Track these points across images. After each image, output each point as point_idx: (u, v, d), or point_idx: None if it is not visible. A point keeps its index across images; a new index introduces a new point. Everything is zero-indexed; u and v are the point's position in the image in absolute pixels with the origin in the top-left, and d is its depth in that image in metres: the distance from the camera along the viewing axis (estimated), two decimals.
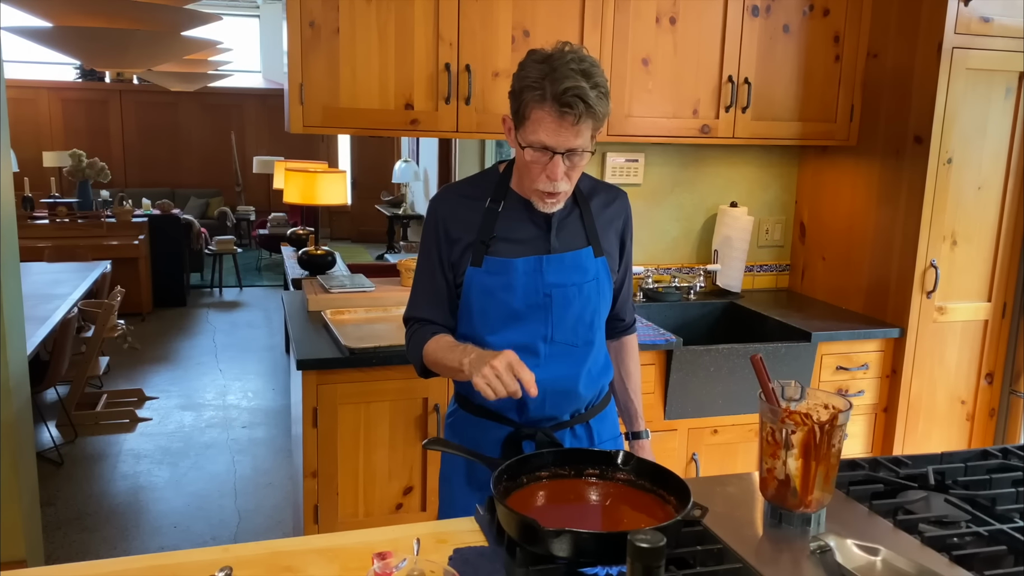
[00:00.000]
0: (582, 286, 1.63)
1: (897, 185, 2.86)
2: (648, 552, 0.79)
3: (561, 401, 1.65)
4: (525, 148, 1.51)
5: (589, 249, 1.65)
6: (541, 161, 1.50)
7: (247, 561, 1.19)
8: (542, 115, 1.46)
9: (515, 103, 1.52)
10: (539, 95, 1.45)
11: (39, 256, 5.99)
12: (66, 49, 5.03)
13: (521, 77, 1.50)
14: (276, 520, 3.60)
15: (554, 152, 1.48)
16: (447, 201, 1.67)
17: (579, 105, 1.43)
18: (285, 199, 4.58)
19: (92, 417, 4.70)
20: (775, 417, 1.28)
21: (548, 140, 1.47)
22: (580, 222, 1.67)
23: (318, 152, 10.96)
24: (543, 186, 1.53)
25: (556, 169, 1.50)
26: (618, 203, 1.73)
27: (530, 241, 1.62)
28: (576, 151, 1.49)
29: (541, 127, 1.47)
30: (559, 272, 1.61)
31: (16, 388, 2.79)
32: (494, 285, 1.60)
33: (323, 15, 2.43)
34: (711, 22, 2.80)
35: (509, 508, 1.17)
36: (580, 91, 1.43)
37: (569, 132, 1.47)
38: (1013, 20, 2.69)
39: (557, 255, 1.62)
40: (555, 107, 1.44)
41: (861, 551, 1.16)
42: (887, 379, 2.93)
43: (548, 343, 1.61)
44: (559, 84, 1.43)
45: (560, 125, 1.46)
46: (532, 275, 1.60)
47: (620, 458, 1.36)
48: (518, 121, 1.52)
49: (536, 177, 1.53)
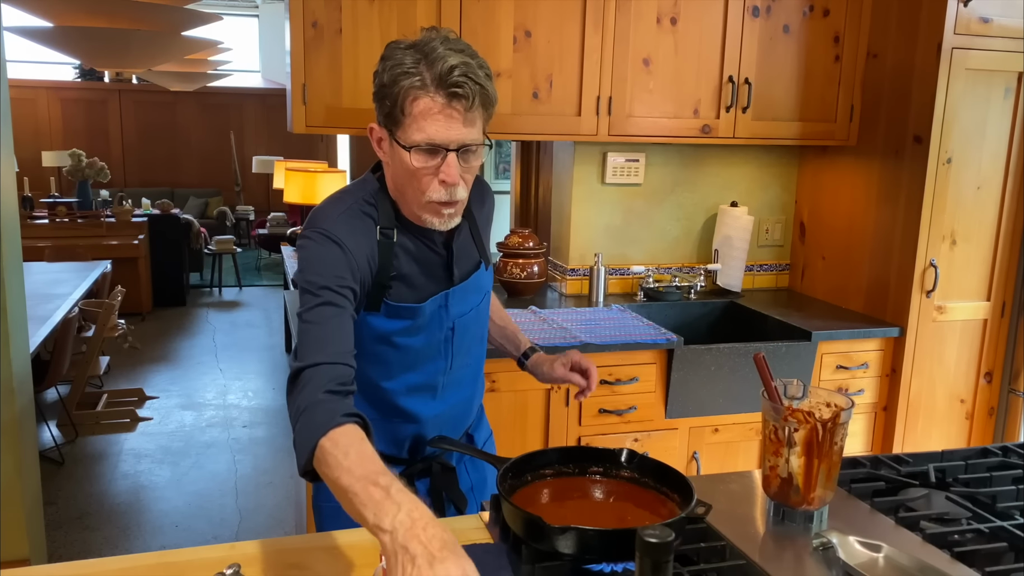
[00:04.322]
0: (479, 306, 1.50)
1: (897, 185, 2.87)
2: (657, 547, 0.80)
3: (457, 426, 1.56)
4: (411, 151, 1.25)
5: (481, 265, 1.49)
6: (431, 165, 1.26)
7: (255, 558, 1.20)
8: (426, 106, 1.23)
9: (387, 101, 1.26)
10: (418, 82, 1.22)
11: (39, 256, 5.99)
12: (67, 49, 5.03)
13: (389, 68, 1.25)
14: (277, 519, 3.60)
15: (446, 150, 1.25)
16: (343, 223, 1.33)
17: (469, 86, 1.21)
18: (285, 199, 4.60)
19: (93, 417, 4.70)
20: (778, 415, 1.29)
21: (438, 135, 1.24)
22: (470, 236, 1.48)
23: (317, 152, 10.97)
24: (438, 195, 1.29)
25: (451, 170, 1.26)
26: (489, 200, 1.57)
27: (431, 277, 1.41)
28: (470, 147, 1.27)
29: (427, 121, 1.23)
30: (462, 301, 1.46)
31: (19, 387, 2.79)
32: (392, 330, 1.40)
33: (326, 15, 2.44)
34: (712, 22, 2.81)
35: (515, 505, 1.18)
36: (467, 68, 1.22)
37: (460, 122, 1.24)
38: (1012, 20, 2.70)
39: (460, 286, 1.44)
40: (440, 93, 1.22)
41: (863, 548, 1.17)
42: (887, 378, 2.94)
43: (446, 374, 1.46)
44: (440, 64, 1.21)
45: (450, 115, 1.23)
46: (437, 312, 1.42)
47: (624, 456, 1.37)
48: (394, 122, 1.27)
49: (426, 187, 1.28)
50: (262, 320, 7.41)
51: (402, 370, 1.43)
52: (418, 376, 1.45)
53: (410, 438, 1.52)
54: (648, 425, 2.69)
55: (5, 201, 2.70)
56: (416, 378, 1.45)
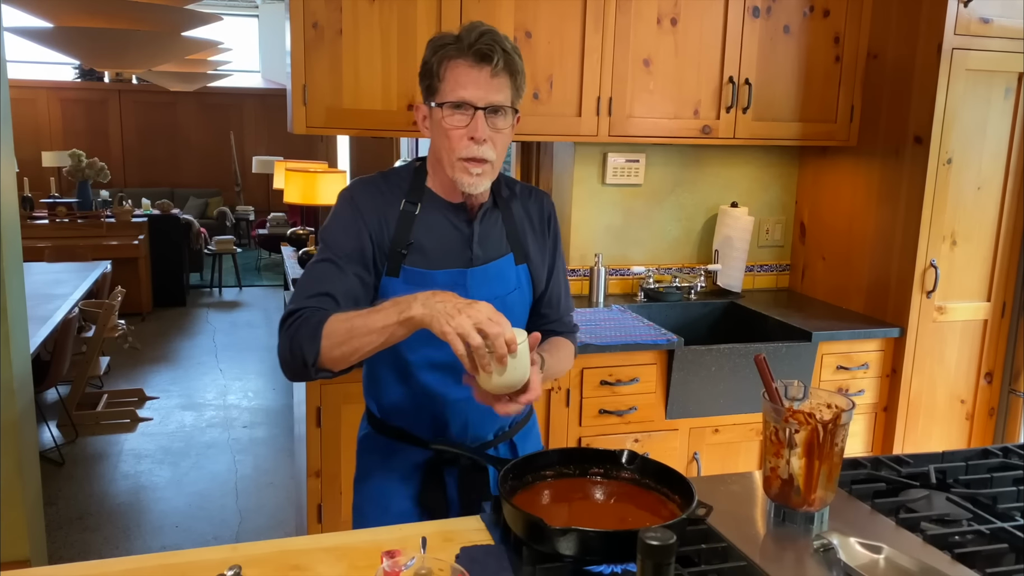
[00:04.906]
0: (505, 298, 1.54)
1: (897, 185, 2.87)
2: (659, 549, 0.81)
3: (485, 421, 1.56)
4: (444, 107, 1.42)
5: (510, 256, 1.56)
6: (462, 123, 1.41)
7: (256, 560, 1.20)
8: (458, 69, 1.40)
9: (428, 75, 1.45)
10: (451, 50, 1.41)
11: (39, 256, 6.00)
12: (67, 49, 5.04)
13: (431, 47, 1.46)
14: (278, 520, 3.60)
15: (475, 107, 1.40)
16: (365, 192, 1.52)
17: (496, 51, 1.39)
18: (286, 199, 4.59)
19: (93, 417, 4.70)
20: (779, 416, 1.29)
21: (467, 93, 1.40)
22: (501, 227, 1.56)
23: (317, 152, 10.96)
24: (467, 151, 1.42)
25: (479, 126, 1.40)
26: (540, 204, 1.63)
27: (451, 250, 1.51)
28: (499, 109, 1.42)
29: (459, 83, 1.40)
30: (482, 285, 1.51)
31: (20, 388, 2.79)
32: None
33: (326, 16, 2.44)
34: (712, 23, 2.81)
35: (516, 507, 1.18)
36: (494, 36, 1.40)
37: (489, 84, 1.40)
38: (1012, 21, 2.71)
39: (481, 267, 1.51)
40: (471, 58, 1.40)
41: (864, 549, 1.18)
42: (887, 378, 2.94)
43: None
44: (472, 34, 1.40)
45: (479, 76, 1.40)
46: (454, 288, 1.45)
47: (624, 457, 1.37)
48: (433, 91, 1.44)
49: (457, 143, 1.42)
50: (262, 320, 7.42)
51: (422, 343, 1.41)
52: (439, 352, 1.42)
53: (436, 421, 1.55)
54: (648, 426, 2.69)
55: (5, 201, 2.70)
56: (437, 354, 1.45)
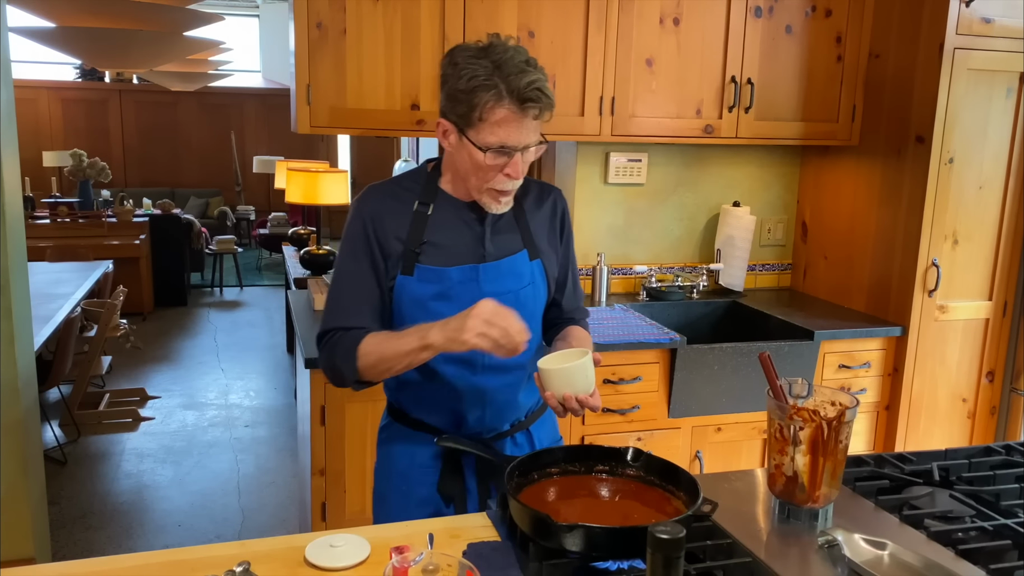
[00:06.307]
0: (519, 292, 1.56)
1: (899, 185, 2.88)
2: (669, 543, 0.81)
3: (501, 412, 1.60)
4: (485, 152, 1.42)
5: (524, 252, 1.58)
6: (500, 162, 1.43)
7: (264, 556, 1.21)
8: (502, 115, 1.39)
9: (463, 105, 1.41)
10: (496, 93, 1.37)
11: (41, 256, 6.00)
12: (69, 49, 5.04)
13: (467, 77, 1.39)
14: (280, 519, 3.61)
15: (515, 150, 1.42)
16: (373, 200, 1.56)
17: (541, 99, 1.39)
18: (287, 199, 4.60)
19: (95, 416, 4.71)
20: (783, 414, 1.30)
21: (510, 139, 1.40)
22: (514, 224, 1.58)
23: (318, 152, 10.97)
24: (501, 185, 1.46)
25: (518, 167, 1.44)
26: (552, 200, 1.66)
27: (464, 247, 1.54)
28: (531, 146, 1.45)
29: (502, 127, 1.40)
30: (495, 280, 1.54)
31: (24, 387, 2.80)
32: (426, 295, 1.51)
33: (330, 16, 2.44)
34: (714, 23, 2.82)
35: (522, 503, 1.19)
36: (540, 83, 1.38)
37: (530, 128, 1.42)
38: (1014, 21, 2.71)
39: (493, 263, 1.54)
40: (515, 104, 1.38)
41: (868, 545, 1.18)
42: (889, 377, 2.95)
43: (486, 354, 1.45)
44: (518, 79, 1.37)
45: (522, 121, 1.40)
46: (467, 284, 1.51)
47: (630, 454, 1.37)
48: (468, 123, 1.42)
49: (491, 178, 1.46)
50: (263, 320, 7.42)
51: None
52: None
53: (454, 413, 1.58)
54: (651, 424, 2.70)
55: (9, 202, 2.71)
56: None
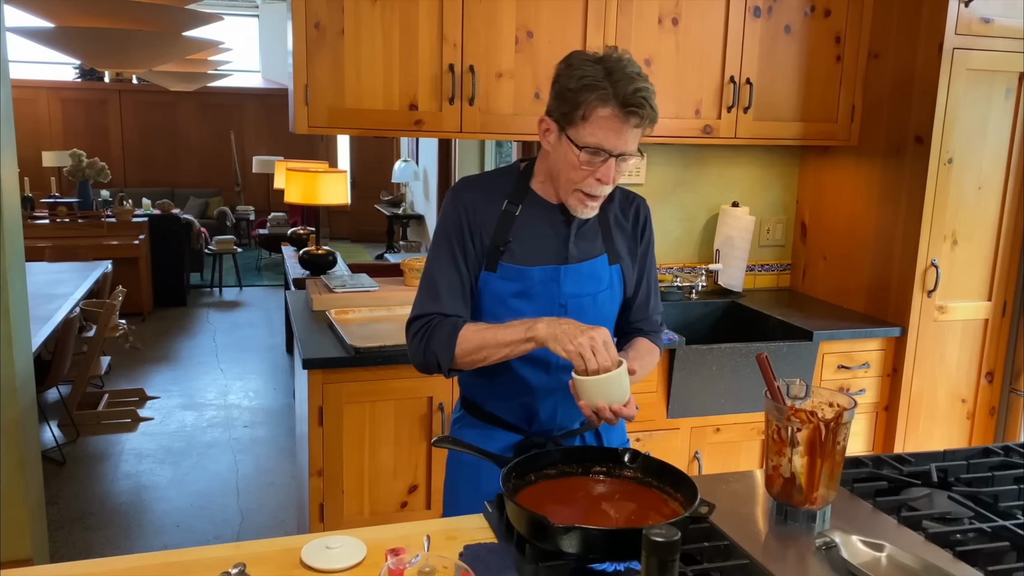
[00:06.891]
0: (596, 296, 1.60)
1: (898, 185, 2.88)
2: (663, 546, 0.81)
3: (573, 411, 1.59)
4: (581, 149, 1.44)
5: (604, 257, 1.61)
6: (594, 163, 1.46)
7: (260, 557, 1.21)
8: (606, 116, 1.42)
9: (568, 104, 1.45)
10: (603, 95, 1.40)
11: (40, 256, 6.00)
12: (68, 49, 5.04)
13: (578, 77, 1.43)
14: (279, 519, 3.61)
15: (610, 154, 1.44)
16: (470, 192, 1.60)
17: (645, 108, 1.41)
18: (287, 199, 4.59)
19: (94, 417, 4.71)
20: (781, 415, 1.29)
21: (608, 143, 1.43)
22: (597, 228, 1.62)
23: (317, 152, 10.97)
24: (590, 188, 1.49)
25: (610, 172, 1.46)
26: (635, 208, 1.69)
27: (547, 248, 1.57)
28: (626, 155, 1.47)
29: (602, 129, 1.42)
30: (576, 282, 1.57)
31: (22, 387, 2.80)
32: (508, 292, 1.56)
33: (328, 16, 2.44)
34: (713, 23, 2.81)
35: (519, 505, 1.19)
36: (647, 93, 1.41)
37: (630, 135, 1.44)
38: (1013, 21, 2.71)
39: (575, 265, 1.57)
40: (620, 109, 1.41)
41: (866, 547, 1.18)
42: (888, 378, 2.94)
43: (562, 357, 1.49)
44: (626, 85, 1.40)
45: (623, 127, 1.42)
46: (548, 284, 1.55)
47: (627, 456, 1.37)
48: (570, 121, 1.45)
49: (581, 179, 1.48)
50: (263, 320, 7.42)
51: None
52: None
53: (527, 409, 1.61)
54: (650, 425, 2.70)
55: (7, 202, 2.70)
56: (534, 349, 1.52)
